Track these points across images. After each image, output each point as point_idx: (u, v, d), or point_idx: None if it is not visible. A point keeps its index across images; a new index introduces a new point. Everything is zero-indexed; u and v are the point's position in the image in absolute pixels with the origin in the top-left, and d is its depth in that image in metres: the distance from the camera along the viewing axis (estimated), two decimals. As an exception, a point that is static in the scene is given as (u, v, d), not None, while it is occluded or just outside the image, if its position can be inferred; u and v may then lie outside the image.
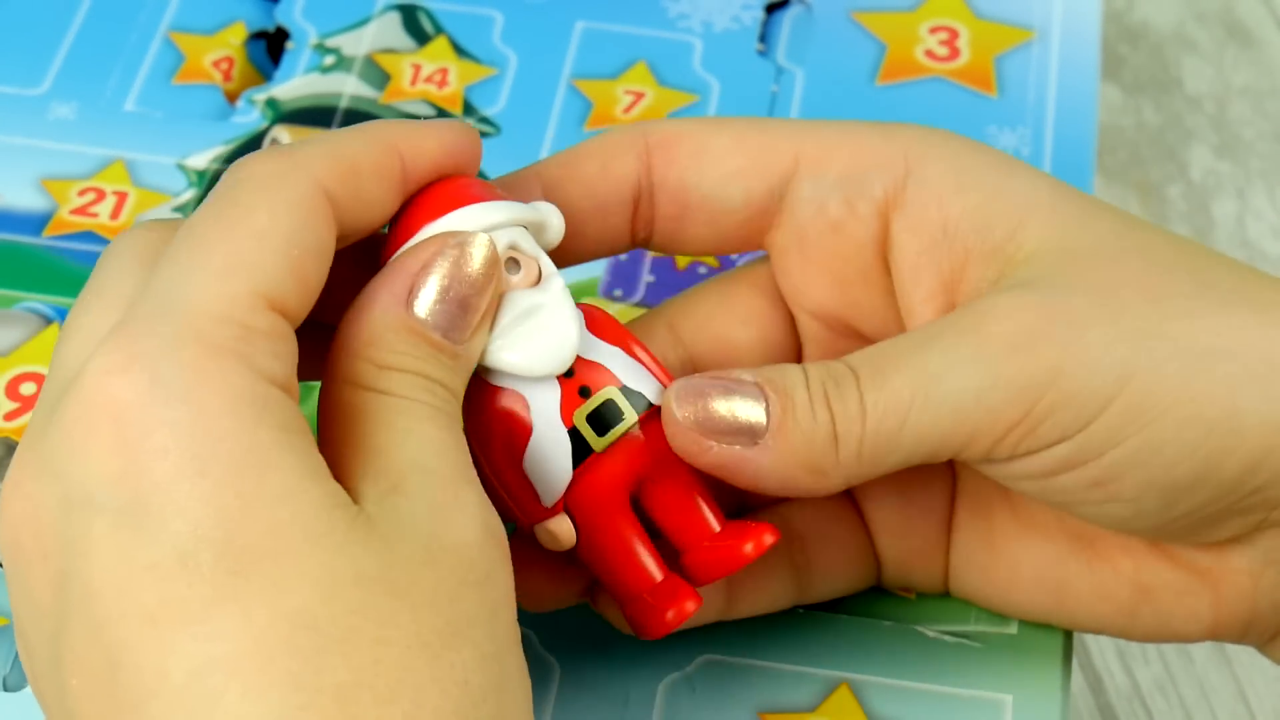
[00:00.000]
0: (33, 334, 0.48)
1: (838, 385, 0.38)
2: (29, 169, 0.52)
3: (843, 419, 0.37)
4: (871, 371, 0.38)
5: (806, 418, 0.37)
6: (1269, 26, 0.86)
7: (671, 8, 0.56)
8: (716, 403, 0.38)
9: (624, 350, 0.39)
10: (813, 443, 0.37)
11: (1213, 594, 0.40)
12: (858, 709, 0.42)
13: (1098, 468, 0.37)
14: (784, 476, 0.38)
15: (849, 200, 0.40)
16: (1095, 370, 0.37)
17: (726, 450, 0.38)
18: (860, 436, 0.37)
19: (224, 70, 0.54)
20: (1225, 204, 0.80)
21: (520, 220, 0.38)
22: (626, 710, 0.42)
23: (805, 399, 0.38)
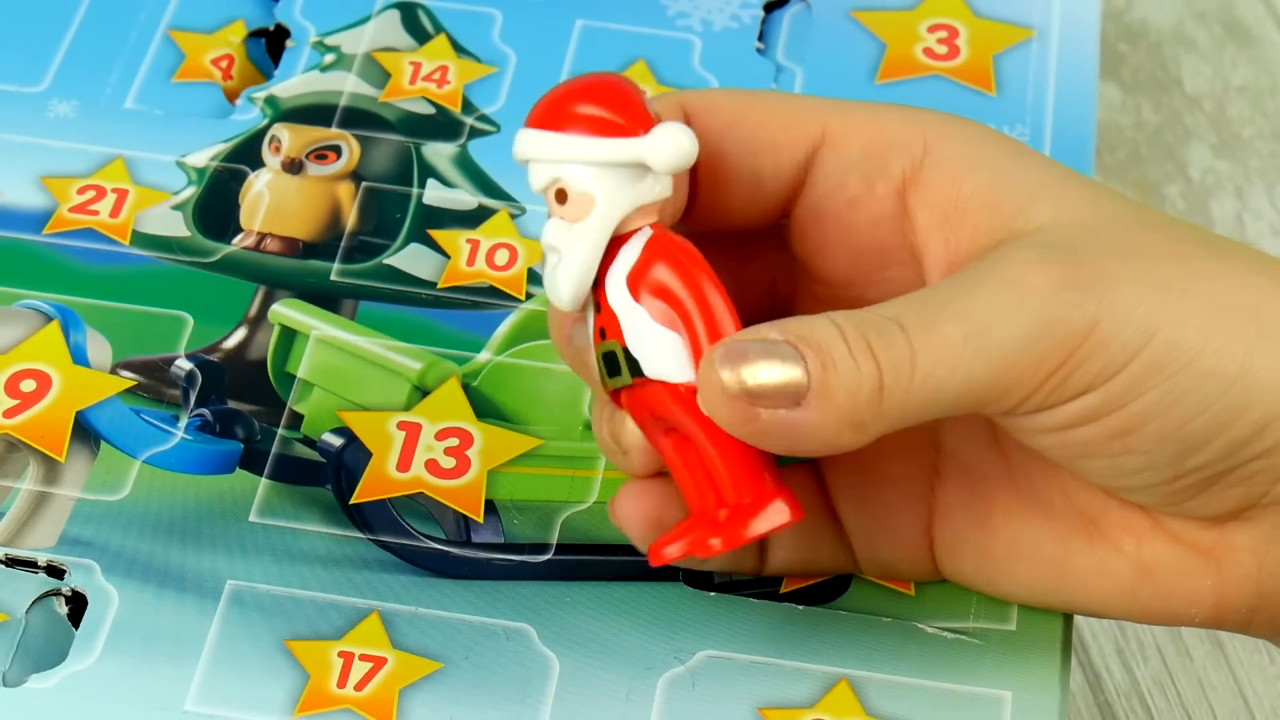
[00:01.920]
0: (32, 331, 0.48)
1: (881, 334, 0.37)
2: (29, 166, 0.52)
3: (890, 368, 0.37)
4: (919, 320, 0.38)
5: (849, 371, 0.37)
6: (1268, 25, 0.85)
7: (671, 6, 0.56)
8: (758, 368, 0.37)
9: (650, 312, 0.39)
10: (857, 397, 0.37)
11: (1216, 575, 0.40)
12: (857, 705, 0.42)
13: (1120, 418, 0.38)
14: (826, 435, 0.37)
15: (868, 178, 0.41)
16: (1127, 322, 0.37)
17: (772, 415, 0.37)
18: (909, 385, 0.37)
19: (224, 68, 0.55)
20: (1224, 203, 0.80)
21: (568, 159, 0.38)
22: (627, 706, 0.42)
23: (845, 352, 0.37)
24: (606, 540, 0.45)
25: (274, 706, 0.42)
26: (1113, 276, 0.38)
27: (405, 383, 0.47)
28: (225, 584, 0.43)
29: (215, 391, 0.47)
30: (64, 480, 0.45)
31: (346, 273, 0.50)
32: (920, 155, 0.41)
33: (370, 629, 0.43)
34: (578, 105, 0.39)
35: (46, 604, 0.44)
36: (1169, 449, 0.38)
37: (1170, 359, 0.37)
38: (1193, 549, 0.40)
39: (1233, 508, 0.39)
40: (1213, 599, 0.40)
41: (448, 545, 0.44)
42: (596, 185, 0.38)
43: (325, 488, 0.45)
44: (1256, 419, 0.38)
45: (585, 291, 0.39)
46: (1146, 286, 0.38)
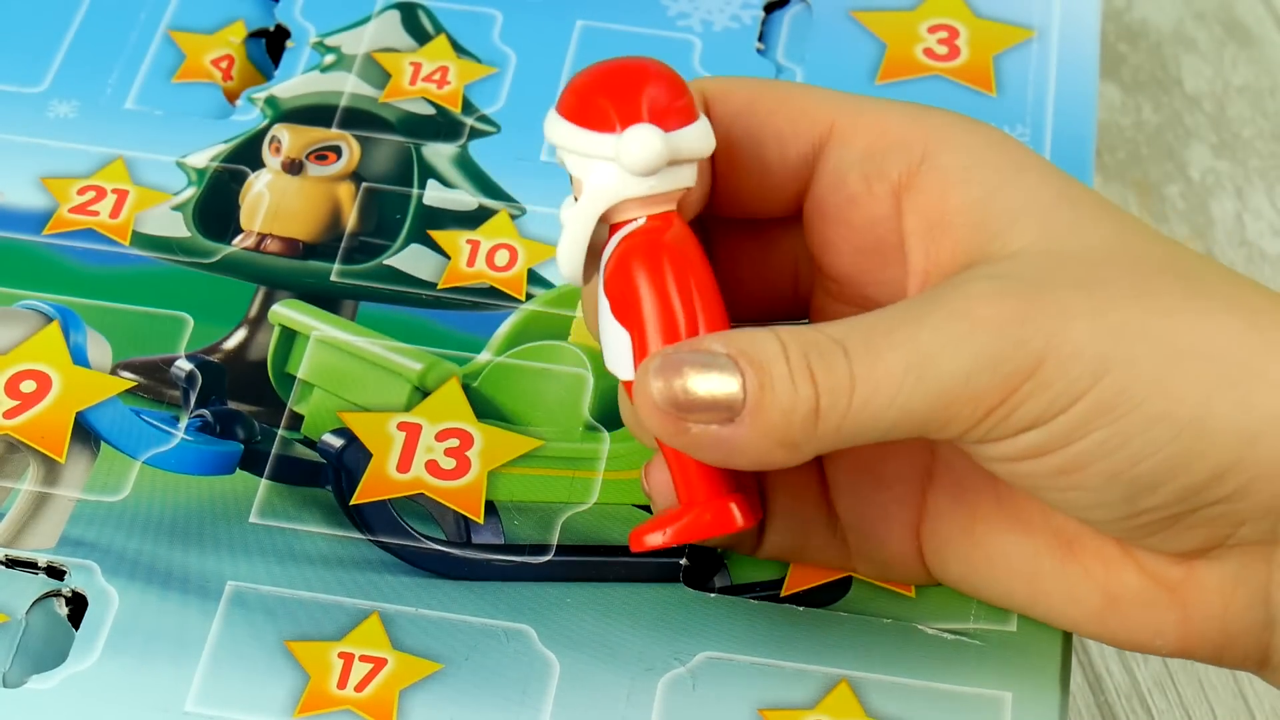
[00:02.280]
0: (33, 332, 0.48)
1: (822, 357, 0.37)
2: (29, 167, 0.52)
3: (828, 392, 0.37)
4: (863, 345, 0.37)
5: (786, 392, 0.37)
6: (1268, 25, 0.86)
7: (671, 6, 0.56)
8: (692, 381, 0.37)
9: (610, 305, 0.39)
10: (791, 418, 0.37)
11: (1180, 612, 0.40)
12: (857, 706, 0.42)
13: (1063, 457, 0.37)
14: (757, 453, 0.38)
15: (867, 178, 0.41)
16: (1075, 362, 0.37)
17: (703, 430, 0.38)
18: (845, 411, 0.37)
19: (224, 69, 0.55)
20: (1224, 203, 0.80)
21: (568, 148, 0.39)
22: (627, 707, 0.42)
23: (784, 372, 0.37)
24: (607, 541, 0.45)
25: (274, 707, 0.42)
26: (1068, 313, 0.37)
27: (405, 383, 0.47)
28: (226, 585, 0.43)
29: (215, 392, 0.47)
30: (64, 481, 0.45)
31: (347, 273, 0.50)
32: (918, 160, 0.40)
33: (370, 630, 0.43)
34: (587, 94, 0.39)
35: (47, 605, 0.44)
36: (1118, 489, 0.38)
37: (1118, 401, 0.37)
38: (1159, 583, 0.40)
39: (1197, 547, 0.39)
40: (1177, 634, 0.40)
41: (448, 546, 0.45)
42: (583, 173, 0.39)
43: (325, 489, 0.45)
44: (1213, 465, 0.37)
45: (573, 270, 0.40)
46: (1102, 326, 0.37)
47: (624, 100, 0.39)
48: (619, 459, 0.46)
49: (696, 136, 0.39)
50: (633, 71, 0.39)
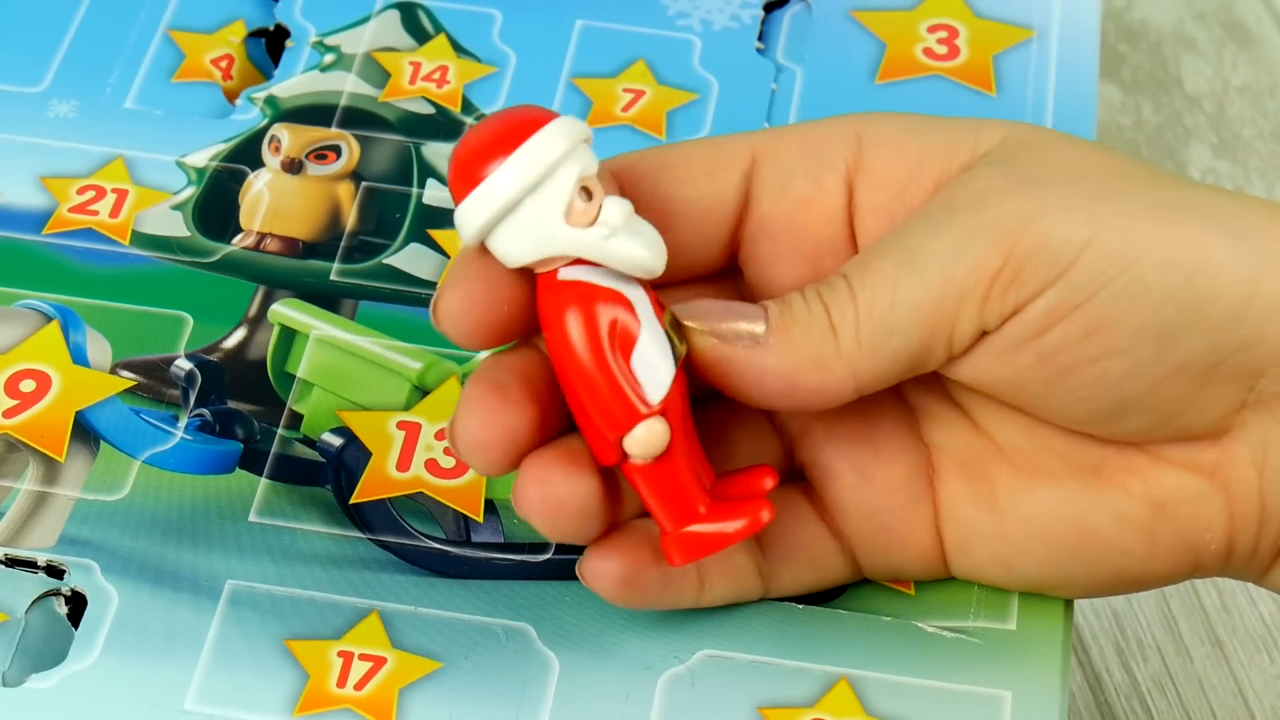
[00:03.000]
0: (32, 331, 0.48)
1: (828, 284, 0.39)
2: (29, 166, 0.52)
3: (835, 306, 0.39)
4: (856, 264, 0.39)
5: (803, 313, 0.39)
6: (1268, 25, 0.86)
7: (671, 6, 0.56)
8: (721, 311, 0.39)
9: None
10: (811, 334, 0.39)
11: (1224, 495, 0.40)
12: (857, 704, 0.42)
13: (1087, 313, 0.38)
14: (790, 374, 0.39)
15: (814, 175, 0.41)
16: (1065, 217, 0.38)
17: (728, 348, 0.39)
18: (855, 321, 0.39)
19: (223, 68, 0.55)
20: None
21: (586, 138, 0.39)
22: (626, 706, 0.42)
23: (800, 300, 0.39)
24: (606, 540, 0.45)
25: (273, 706, 0.42)
26: (1048, 180, 0.38)
27: (405, 382, 0.47)
28: (225, 584, 0.43)
29: (215, 391, 0.47)
30: (63, 480, 0.45)
31: (346, 272, 0.50)
32: (856, 142, 0.41)
33: (370, 629, 0.43)
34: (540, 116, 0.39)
35: (46, 604, 0.44)
36: (1146, 343, 0.38)
37: (1122, 251, 0.38)
38: (1197, 472, 0.41)
39: (1224, 412, 0.40)
40: (1224, 520, 0.41)
41: (447, 545, 0.45)
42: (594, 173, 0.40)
43: (325, 487, 0.45)
44: (1226, 307, 0.38)
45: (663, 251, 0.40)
46: (1085, 188, 0.38)
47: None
48: (618, 458, 0.46)
49: None
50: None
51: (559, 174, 0.38)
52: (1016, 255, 0.38)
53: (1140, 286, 0.38)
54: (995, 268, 0.38)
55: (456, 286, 0.39)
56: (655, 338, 0.39)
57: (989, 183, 0.39)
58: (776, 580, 0.43)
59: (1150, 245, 0.38)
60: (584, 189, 0.39)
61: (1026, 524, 0.42)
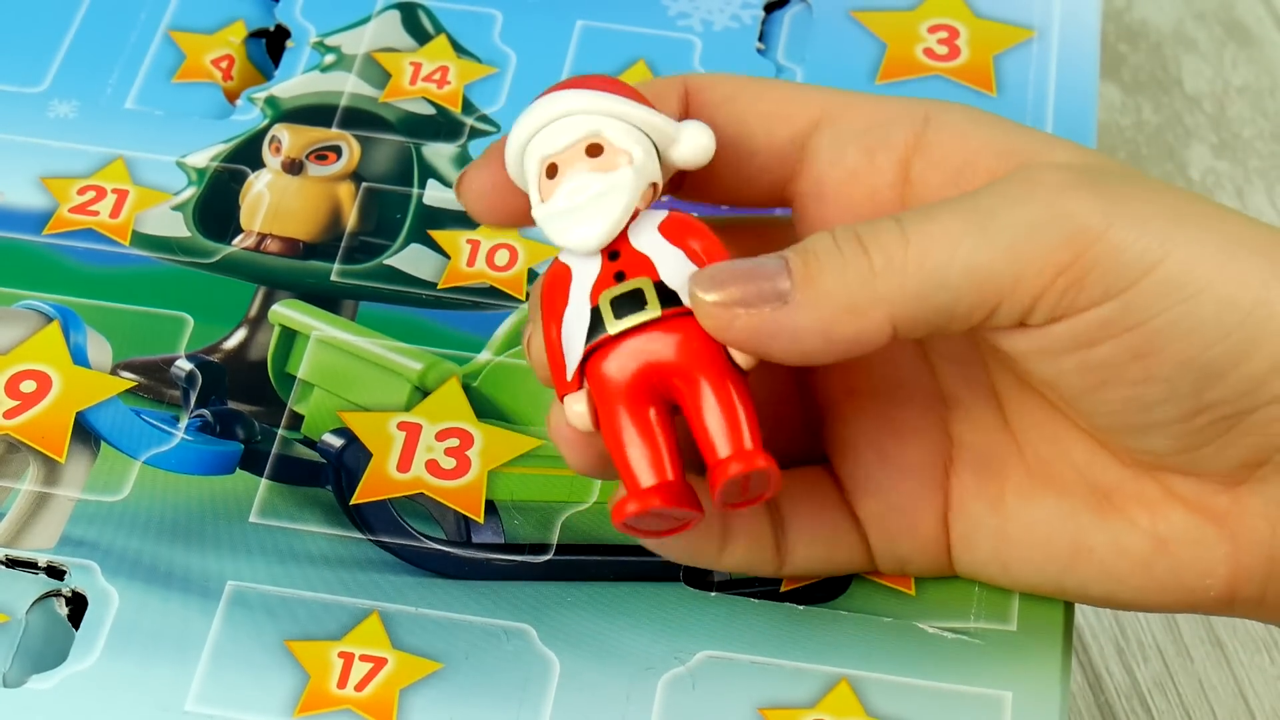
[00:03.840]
0: (33, 331, 0.48)
1: (872, 226, 0.38)
2: (29, 167, 0.52)
3: (881, 250, 0.37)
4: (916, 214, 0.38)
5: (834, 259, 0.37)
6: (1268, 25, 0.86)
7: (671, 6, 0.56)
8: (740, 276, 0.38)
9: (686, 252, 0.39)
10: (845, 280, 0.37)
11: (1230, 543, 0.40)
12: (857, 705, 0.42)
13: (1140, 335, 0.37)
14: (823, 327, 0.37)
15: (868, 150, 0.41)
16: (1142, 232, 0.37)
17: (755, 315, 0.37)
18: (904, 266, 0.37)
19: (224, 69, 0.55)
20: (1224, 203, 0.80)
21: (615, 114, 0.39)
22: (627, 706, 0.42)
23: (831, 246, 0.37)
24: (607, 540, 0.45)
25: (274, 707, 0.42)
26: (1127, 195, 0.38)
27: (405, 383, 0.47)
28: (225, 584, 0.43)
29: (215, 392, 0.47)
30: (64, 481, 0.45)
31: (347, 273, 0.50)
32: (922, 124, 0.40)
33: (370, 629, 0.43)
34: (617, 83, 0.40)
35: (47, 605, 0.44)
36: (1189, 377, 0.38)
37: (1187, 280, 0.37)
38: (1207, 516, 0.40)
39: (1246, 460, 0.39)
40: (1227, 569, 0.40)
41: (448, 546, 0.45)
42: (636, 144, 0.39)
43: (325, 488, 0.45)
44: (1271, 356, 0.37)
45: (618, 233, 0.39)
46: (1160, 208, 0.38)
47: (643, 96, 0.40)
48: (619, 458, 0.46)
49: None
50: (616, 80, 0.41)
51: (527, 152, 0.40)
52: (1086, 259, 0.37)
53: (1196, 320, 0.37)
54: (1063, 263, 0.37)
55: (482, 168, 0.41)
56: (577, 313, 0.39)
57: (1071, 178, 0.38)
58: (791, 557, 0.43)
59: (1214, 278, 0.37)
60: (550, 166, 0.39)
61: (1028, 530, 0.42)
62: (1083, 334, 0.38)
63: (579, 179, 0.39)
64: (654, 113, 0.40)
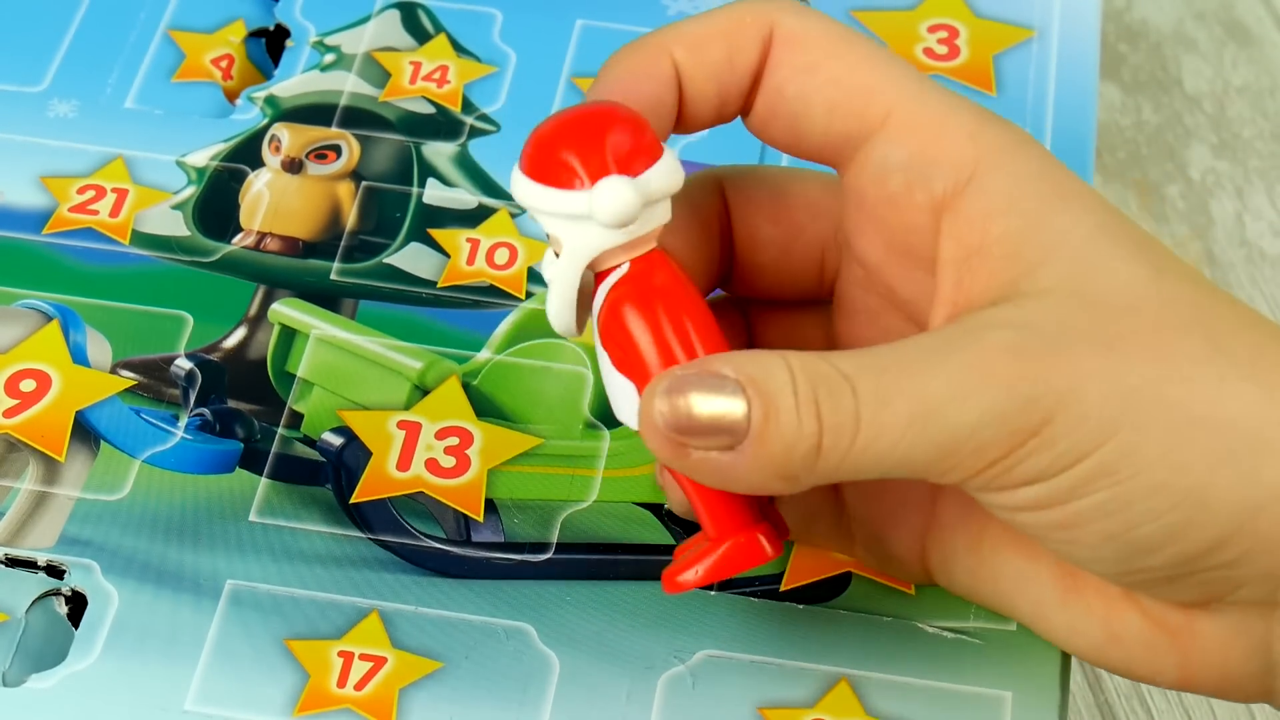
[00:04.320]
0: (32, 331, 0.48)
1: (831, 395, 0.37)
2: (29, 166, 0.52)
3: (832, 431, 0.37)
4: (872, 388, 0.37)
5: (791, 426, 0.37)
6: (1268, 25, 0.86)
7: (671, 5, 0.56)
8: (696, 402, 0.37)
9: (610, 357, 0.39)
10: (793, 452, 0.37)
11: (1180, 656, 0.40)
12: (857, 705, 0.42)
13: (1062, 513, 0.37)
14: (756, 482, 0.37)
15: (909, 185, 0.40)
16: (1083, 423, 0.37)
17: (704, 456, 0.37)
18: (847, 451, 0.37)
19: (224, 68, 0.55)
20: (1224, 203, 0.80)
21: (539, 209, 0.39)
22: (627, 705, 0.42)
23: (791, 404, 0.37)
24: (607, 539, 0.45)
25: (274, 706, 0.42)
26: (1082, 373, 0.37)
27: (405, 382, 0.47)
28: (225, 583, 0.43)
29: (215, 391, 0.47)
30: (64, 480, 0.45)
31: (346, 272, 0.50)
32: (965, 180, 0.39)
33: (370, 628, 0.43)
34: (549, 152, 0.39)
35: (46, 604, 0.44)
36: (1114, 549, 0.37)
37: (1121, 465, 0.36)
38: (1160, 627, 0.40)
39: (1197, 600, 0.39)
40: (1177, 676, 0.40)
41: (448, 544, 0.44)
42: (561, 232, 0.39)
43: (325, 487, 0.45)
44: (1212, 535, 0.37)
45: (569, 326, 0.39)
46: (1115, 390, 0.37)
47: (588, 153, 0.38)
48: (619, 457, 0.46)
49: (665, 173, 0.39)
50: (590, 120, 0.39)
51: None
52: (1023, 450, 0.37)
53: (1122, 503, 0.37)
54: (997, 456, 0.37)
55: None
56: None
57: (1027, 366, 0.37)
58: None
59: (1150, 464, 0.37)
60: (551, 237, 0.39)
61: (995, 579, 0.41)
62: (1007, 504, 0.38)
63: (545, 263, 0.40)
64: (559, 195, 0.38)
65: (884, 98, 0.40)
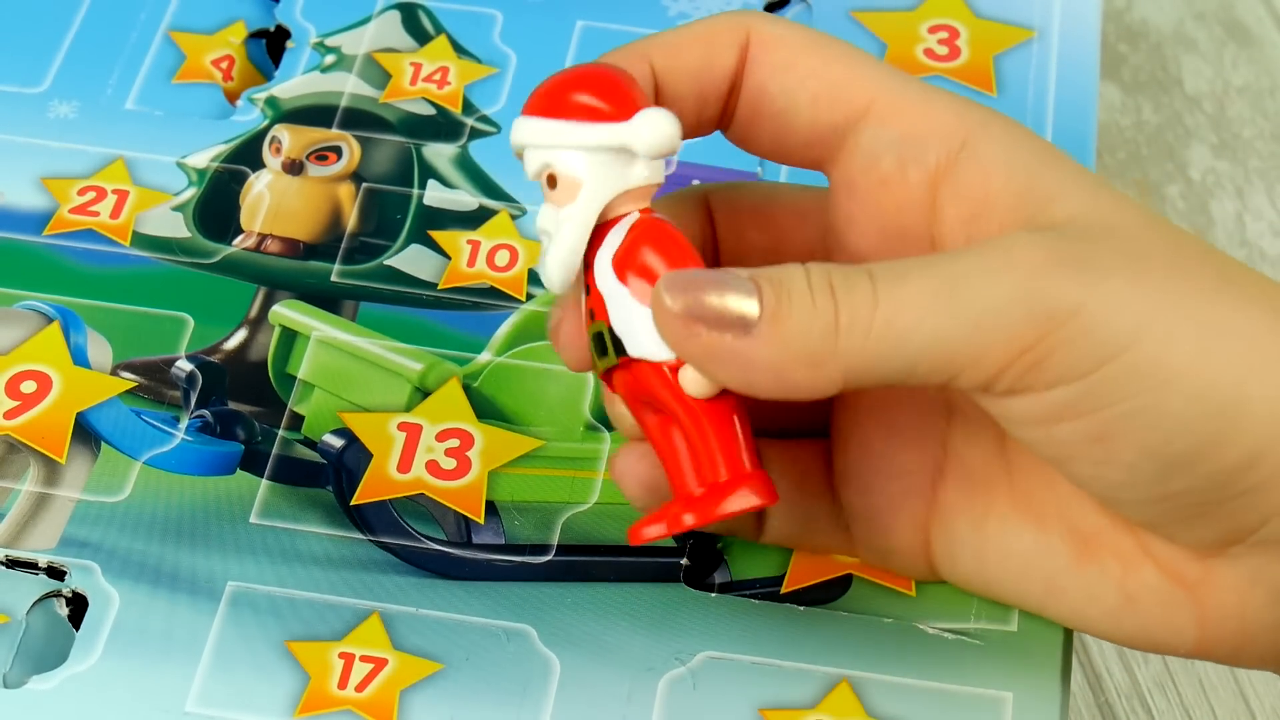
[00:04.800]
0: (33, 332, 0.48)
1: (846, 278, 0.37)
2: (29, 168, 0.52)
3: (849, 308, 0.37)
4: (891, 271, 0.37)
5: (804, 304, 0.37)
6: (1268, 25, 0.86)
7: (671, 6, 0.56)
8: (708, 293, 0.37)
9: (632, 292, 0.39)
10: (810, 330, 0.37)
11: (1198, 610, 0.40)
12: (858, 706, 0.42)
13: (1098, 421, 0.37)
14: (777, 369, 0.37)
15: (902, 162, 0.40)
16: (1112, 317, 0.36)
17: (715, 338, 0.37)
18: (868, 329, 0.37)
19: (224, 69, 0.55)
20: (1224, 203, 0.80)
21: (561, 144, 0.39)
22: (628, 707, 0.42)
23: (804, 288, 0.37)
24: (607, 541, 0.45)
25: (274, 708, 0.42)
26: (1110, 269, 0.37)
27: (406, 384, 0.47)
28: (226, 585, 0.43)
29: (216, 393, 0.47)
30: (64, 481, 0.45)
31: (347, 274, 0.50)
32: (958, 148, 0.40)
33: (371, 630, 0.43)
34: (567, 93, 0.39)
35: (47, 605, 0.44)
36: (1151, 466, 0.37)
37: (1154, 370, 0.36)
38: (1177, 581, 0.40)
39: (1219, 539, 0.39)
40: (1195, 634, 0.40)
41: (448, 546, 0.45)
42: (584, 170, 0.39)
43: (326, 489, 0.46)
44: (1246, 450, 0.37)
45: (572, 273, 0.39)
46: (1142, 290, 0.37)
47: (612, 93, 0.39)
48: (619, 459, 0.46)
49: None
50: (603, 70, 0.39)
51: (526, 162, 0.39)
52: (1051, 340, 0.37)
53: (1161, 412, 0.37)
54: (1027, 344, 0.37)
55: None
56: None
57: (1050, 254, 0.37)
58: (768, 528, 0.43)
59: (1186, 370, 0.37)
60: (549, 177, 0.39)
61: (1005, 558, 0.41)
62: (1042, 411, 0.37)
63: (545, 211, 0.39)
64: (597, 128, 0.38)
65: (865, 87, 0.41)
